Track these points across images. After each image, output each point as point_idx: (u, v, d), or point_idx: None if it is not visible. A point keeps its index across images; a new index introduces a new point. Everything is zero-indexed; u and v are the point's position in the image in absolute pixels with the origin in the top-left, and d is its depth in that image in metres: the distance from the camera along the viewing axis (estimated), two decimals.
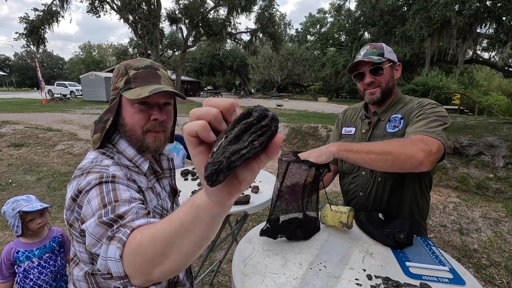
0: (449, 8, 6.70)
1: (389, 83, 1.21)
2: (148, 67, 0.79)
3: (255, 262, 0.93)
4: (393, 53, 1.24)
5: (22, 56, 60.90)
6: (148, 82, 0.76)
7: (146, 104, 0.77)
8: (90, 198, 0.61)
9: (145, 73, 0.77)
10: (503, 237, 3.04)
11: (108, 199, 0.60)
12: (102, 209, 0.58)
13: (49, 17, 15.55)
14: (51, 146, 6.67)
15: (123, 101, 0.78)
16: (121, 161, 0.76)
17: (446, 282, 0.86)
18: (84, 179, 0.65)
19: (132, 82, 0.76)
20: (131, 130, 0.78)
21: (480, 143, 5.86)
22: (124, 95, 0.75)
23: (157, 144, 0.80)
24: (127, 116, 0.77)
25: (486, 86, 26.16)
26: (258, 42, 20.37)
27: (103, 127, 0.77)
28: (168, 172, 0.96)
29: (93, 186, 0.62)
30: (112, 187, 0.63)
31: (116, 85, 0.79)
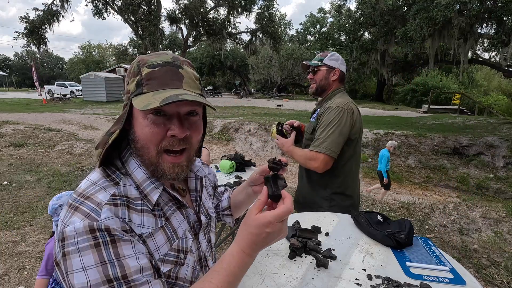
0: (450, 8, 6.70)
1: (322, 82, 1.61)
2: (168, 64, 0.59)
3: (255, 262, 0.93)
4: (336, 61, 1.59)
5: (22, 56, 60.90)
6: (165, 85, 0.57)
7: (162, 115, 0.57)
8: (86, 265, 0.48)
9: (163, 73, 0.58)
10: (503, 237, 3.04)
11: (113, 273, 0.49)
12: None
13: (50, 17, 15.55)
14: (51, 146, 6.67)
15: (135, 110, 0.59)
16: (126, 191, 0.59)
17: (447, 282, 0.86)
18: (69, 218, 0.51)
19: (144, 84, 0.57)
20: (143, 148, 0.60)
21: (480, 143, 5.86)
22: (133, 102, 0.56)
23: (177, 171, 0.61)
24: (138, 129, 0.59)
25: (486, 86, 26.15)
26: (258, 42, 20.36)
27: (105, 141, 0.59)
28: (194, 195, 0.75)
29: (87, 246, 0.49)
30: (114, 253, 0.50)
31: (128, 88, 0.60)
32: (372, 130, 6.97)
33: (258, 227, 0.53)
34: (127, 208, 0.57)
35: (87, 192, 0.55)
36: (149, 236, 0.58)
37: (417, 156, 5.98)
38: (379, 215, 1.22)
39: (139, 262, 0.52)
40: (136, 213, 0.58)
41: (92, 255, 0.49)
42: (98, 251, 0.49)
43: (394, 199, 4.30)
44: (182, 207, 0.68)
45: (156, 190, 0.62)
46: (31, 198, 3.81)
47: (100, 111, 14.13)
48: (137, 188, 0.61)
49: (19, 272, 2.36)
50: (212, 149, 7.55)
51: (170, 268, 0.60)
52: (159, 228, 0.60)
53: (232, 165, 2.32)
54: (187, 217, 0.69)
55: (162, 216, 0.62)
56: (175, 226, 0.64)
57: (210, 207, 0.81)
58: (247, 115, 11.29)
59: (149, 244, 0.58)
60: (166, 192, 0.65)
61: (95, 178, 0.58)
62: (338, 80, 1.61)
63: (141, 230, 0.57)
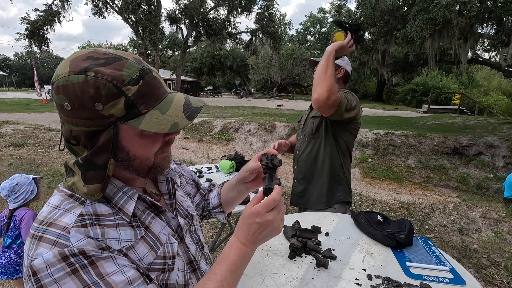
0: (450, 9, 6.70)
1: None
2: (143, 73, 0.52)
3: (255, 262, 0.93)
4: (343, 61, 1.64)
5: (22, 56, 60.92)
6: (157, 97, 0.53)
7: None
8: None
9: (147, 85, 0.52)
10: (503, 237, 3.04)
11: None
12: None
13: (51, 17, 15.56)
14: (51, 146, 6.67)
15: (125, 132, 0.53)
16: (95, 209, 0.54)
17: (447, 282, 0.86)
18: (35, 250, 0.46)
19: (139, 104, 0.51)
20: (143, 162, 0.57)
21: (480, 143, 5.86)
22: (142, 127, 0.51)
23: (168, 162, 0.64)
24: (136, 150, 0.55)
25: (486, 86, 26.16)
26: (258, 42, 20.37)
27: (102, 175, 0.52)
28: (167, 198, 0.72)
29: (61, 273, 0.44)
30: (96, 274, 0.46)
31: (102, 113, 0.49)
32: (372, 130, 6.97)
33: (249, 217, 0.58)
34: (99, 227, 0.52)
35: (49, 218, 0.50)
36: (130, 249, 0.55)
37: (417, 156, 5.98)
38: (379, 215, 1.22)
39: (125, 276, 0.49)
40: (111, 229, 0.53)
41: (72, 282, 0.44)
42: (78, 276, 0.45)
43: (394, 199, 4.30)
44: (161, 212, 0.65)
45: (130, 200, 0.58)
46: None
47: None
48: (108, 203, 0.56)
49: None
50: (212, 149, 7.55)
51: (156, 275, 0.58)
52: (139, 239, 0.57)
53: (232, 165, 2.32)
54: (168, 222, 0.66)
55: (140, 226, 0.59)
56: (156, 233, 0.61)
57: (189, 205, 0.79)
58: (247, 115, 11.29)
59: (130, 256, 0.54)
60: (141, 200, 0.62)
61: (56, 201, 0.53)
62: (342, 78, 1.65)
63: (120, 244, 0.53)
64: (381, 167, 5.86)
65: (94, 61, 0.50)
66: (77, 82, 0.48)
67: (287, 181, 4.85)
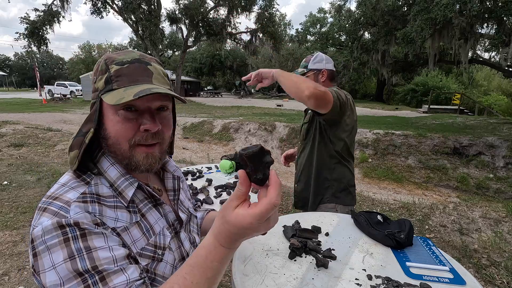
0: (450, 8, 6.70)
1: None
2: (136, 61, 0.60)
3: (255, 262, 0.93)
4: (320, 63, 1.60)
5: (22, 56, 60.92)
6: (135, 81, 0.58)
7: (134, 110, 0.58)
8: (55, 259, 0.47)
9: (132, 69, 0.59)
10: (503, 237, 3.04)
11: (83, 266, 0.47)
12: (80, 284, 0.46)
13: (50, 17, 15.57)
14: (51, 146, 6.67)
15: (104, 107, 0.59)
16: (98, 189, 0.58)
17: (447, 282, 0.86)
18: (38, 220, 0.51)
19: (114, 81, 0.58)
20: (115, 144, 0.59)
21: (480, 143, 5.86)
22: (104, 99, 0.57)
23: (150, 161, 0.61)
24: (109, 126, 0.59)
25: (486, 86, 26.16)
26: (258, 42, 20.37)
27: (81, 141, 0.58)
28: (172, 195, 0.75)
29: (55, 243, 0.48)
30: (84, 246, 0.49)
31: (95, 86, 0.61)
32: (372, 130, 6.97)
33: (238, 228, 0.46)
34: (98, 204, 0.56)
35: (55, 193, 0.55)
36: (124, 230, 0.57)
37: (417, 156, 5.98)
38: (379, 215, 1.22)
39: (112, 253, 0.50)
40: (109, 209, 0.57)
41: (61, 250, 0.47)
42: (67, 245, 0.48)
43: (394, 199, 4.30)
44: (158, 205, 0.67)
45: (131, 186, 0.62)
46: (31, 198, 3.81)
47: None
48: (110, 186, 0.60)
49: (19, 272, 2.36)
50: (212, 149, 7.55)
51: (147, 262, 0.59)
52: (134, 223, 0.60)
53: (232, 165, 2.32)
54: (165, 215, 0.68)
55: (137, 213, 0.62)
56: (151, 222, 0.64)
57: (190, 207, 0.81)
58: (247, 115, 11.29)
59: (124, 238, 0.57)
60: (141, 189, 0.65)
61: (64, 180, 0.58)
62: (327, 79, 1.63)
63: (115, 224, 0.56)
64: (381, 167, 5.86)
65: (115, 52, 0.63)
66: (97, 63, 0.63)
67: (287, 181, 4.86)
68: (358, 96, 29.92)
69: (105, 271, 0.48)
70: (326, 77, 1.61)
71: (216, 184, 1.82)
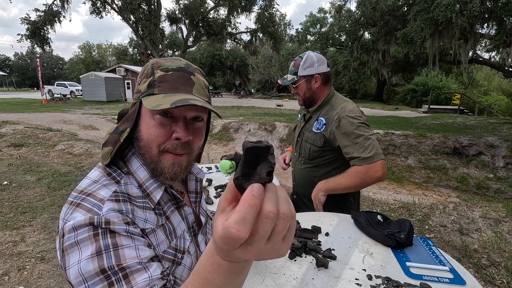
0: (451, 9, 6.69)
1: (306, 94, 1.49)
2: (181, 70, 0.61)
3: (255, 262, 0.93)
4: (311, 67, 1.44)
5: (22, 56, 60.93)
6: (176, 89, 0.59)
7: (169, 117, 0.59)
8: (83, 253, 0.48)
9: (175, 77, 0.60)
10: (503, 237, 3.04)
11: (109, 263, 0.47)
12: (104, 280, 0.46)
13: (51, 17, 15.57)
14: (51, 146, 6.67)
15: (143, 109, 0.61)
16: (127, 189, 0.60)
17: (447, 282, 0.86)
18: (71, 214, 0.52)
19: (156, 86, 0.59)
20: (145, 147, 0.60)
21: (480, 143, 5.86)
22: (143, 102, 0.58)
23: (176, 170, 0.61)
24: (144, 129, 0.61)
25: (486, 86, 26.17)
26: (258, 42, 20.37)
27: (116, 139, 0.61)
28: (193, 197, 0.76)
29: (85, 238, 0.49)
30: (112, 243, 0.49)
31: (138, 87, 0.63)
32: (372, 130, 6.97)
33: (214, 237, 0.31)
34: (130, 204, 0.57)
35: (88, 189, 0.56)
36: (152, 232, 0.59)
37: (417, 156, 5.98)
38: (379, 215, 1.22)
39: (137, 253, 0.51)
40: (139, 209, 0.59)
41: (90, 246, 0.48)
42: (96, 241, 0.49)
43: (394, 199, 4.30)
44: (180, 207, 0.69)
45: (159, 189, 0.63)
46: (31, 198, 3.81)
47: (100, 111, 14.14)
48: (139, 187, 0.62)
49: (19, 272, 2.36)
50: (212, 149, 7.55)
51: (168, 265, 0.60)
52: (160, 225, 0.61)
53: (232, 165, 2.32)
54: (186, 218, 0.69)
55: (162, 215, 0.63)
56: (174, 225, 0.65)
57: (207, 209, 0.84)
58: (247, 115, 11.29)
59: (151, 239, 0.58)
60: (166, 192, 0.66)
61: (95, 176, 0.60)
62: (322, 84, 1.47)
63: (145, 225, 0.58)
64: None
65: (163, 58, 0.65)
66: (145, 66, 0.65)
67: (287, 181, 4.85)
68: (358, 96, 29.91)
69: (128, 268, 0.48)
70: (321, 82, 1.45)
71: (216, 184, 1.82)
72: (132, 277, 0.48)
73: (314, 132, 1.48)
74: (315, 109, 1.52)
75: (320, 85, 1.46)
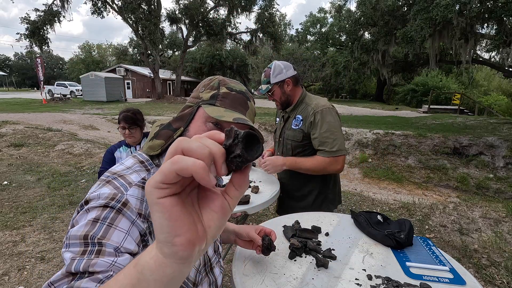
0: (450, 9, 6.69)
1: (282, 98, 1.65)
2: (242, 94, 0.72)
3: (255, 262, 0.93)
4: (280, 74, 1.61)
5: (22, 56, 60.92)
6: (234, 107, 0.69)
7: (218, 127, 0.67)
8: (87, 217, 0.53)
9: (236, 98, 0.70)
10: (503, 237, 3.04)
11: (95, 233, 0.50)
12: (81, 245, 0.49)
13: (51, 17, 15.56)
14: (51, 146, 6.67)
15: (198, 114, 0.70)
16: None
17: (447, 282, 0.86)
18: (99, 188, 0.58)
19: (219, 99, 0.69)
20: None
21: (480, 143, 5.86)
22: (205, 108, 0.67)
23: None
24: (193, 130, 0.68)
25: (486, 86, 26.17)
26: (258, 42, 20.36)
27: (170, 135, 0.68)
28: None
29: (96, 206, 0.55)
30: (111, 219, 0.53)
31: (200, 94, 0.72)
32: (372, 130, 6.97)
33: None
34: None
35: (121, 172, 0.62)
36: None
37: (417, 156, 5.98)
38: (379, 215, 1.22)
39: (122, 241, 0.52)
40: None
41: (94, 212, 0.53)
42: (103, 211, 0.53)
43: (394, 199, 4.30)
44: None
45: None
46: (31, 198, 3.81)
47: (100, 111, 14.14)
48: None
49: (19, 272, 2.36)
50: None
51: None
52: None
53: None
54: None
55: None
56: None
57: None
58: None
59: None
60: None
61: (129, 163, 0.66)
62: (293, 86, 1.64)
63: None
64: (381, 167, 5.86)
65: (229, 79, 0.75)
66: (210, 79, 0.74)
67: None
68: (358, 96, 29.91)
69: (104, 246, 0.50)
70: (292, 84, 1.62)
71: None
72: (102, 255, 0.49)
73: (293, 129, 1.64)
74: (292, 108, 1.67)
75: (292, 87, 1.63)
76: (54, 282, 0.45)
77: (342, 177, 5.64)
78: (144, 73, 27.41)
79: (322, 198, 1.67)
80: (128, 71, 28.44)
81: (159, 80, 20.22)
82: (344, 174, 5.84)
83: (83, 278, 0.45)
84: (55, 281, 0.45)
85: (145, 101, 20.65)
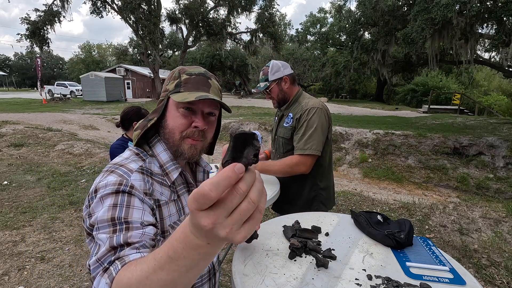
0: (450, 9, 6.69)
1: (279, 96, 1.69)
2: (201, 75, 0.79)
3: (255, 262, 0.93)
4: (278, 71, 1.65)
5: (22, 56, 60.91)
6: (197, 88, 0.77)
7: (190, 110, 0.76)
8: (104, 204, 0.61)
9: (197, 80, 0.78)
10: (503, 237, 3.04)
11: (119, 215, 0.60)
12: (111, 226, 0.58)
13: (51, 17, 15.55)
14: (51, 146, 6.67)
15: (170, 104, 0.78)
16: (151, 166, 0.75)
17: (447, 282, 0.86)
18: (105, 177, 0.66)
19: (182, 86, 0.77)
20: (170, 133, 0.77)
21: (480, 143, 5.86)
22: (172, 97, 0.76)
23: (193, 152, 0.77)
24: (169, 119, 0.78)
25: (486, 86, 26.16)
26: (258, 42, 20.35)
27: (145, 125, 0.78)
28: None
29: (109, 193, 0.63)
30: (127, 201, 0.63)
31: (166, 87, 0.80)
32: (372, 130, 6.97)
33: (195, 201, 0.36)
34: (151, 178, 0.73)
35: (121, 162, 0.72)
36: (165, 204, 0.74)
37: (417, 156, 5.98)
38: (379, 215, 1.22)
39: (142, 216, 0.63)
40: (157, 184, 0.74)
41: (110, 198, 0.61)
42: (116, 196, 0.62)
43: (394, 199, 4.30)
44: (190, 191, 0.83)
45: (176, 170, 0.78)
46: (31, 198, 3.81)
47: (100, 111, 14.14)
48: (160, 167, 0.77)
49: (19, 272, 2.36)
50: None
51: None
52: (172, 200, 0.77)
53: None
54: None
55: (175, 193, 0.78)
56: (183, 204, 0.80)
57: None
58: (247, 115, 11.29)
59: (163, 210, 0.73)
60: (181, 175, 0.81)
61: (127, 155, 0.76)
62: (290, 84, 1.68)
63: (160, 197, 0.73)
64: (381, 167, 5.86)
65: (188, 66, 0.84)
66: (172, 71, 0.82)
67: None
68: (358, 96, 29.91)
69: (131, 223, 0.59)
70: (289, 82, 1.67)
71: None
72: (131, 230, 0.58)
73: (285, 126, 1.69)
74: (286, 107, 1.73)
75: (289, 85, 1.68)
76: (101, 258, 0.53)
77: (342, 177, 5.64)
78: (144, 73, 27.41)
79: (312, 196, 1.68)
80: (128, 71, 28.44)
81: (159, 80, 20.21)
82: (344, 174, 5.85)
83: (124, 249, 0.55)
84: (101, 257, 0.53)
85: (145, 101, 20.65)
